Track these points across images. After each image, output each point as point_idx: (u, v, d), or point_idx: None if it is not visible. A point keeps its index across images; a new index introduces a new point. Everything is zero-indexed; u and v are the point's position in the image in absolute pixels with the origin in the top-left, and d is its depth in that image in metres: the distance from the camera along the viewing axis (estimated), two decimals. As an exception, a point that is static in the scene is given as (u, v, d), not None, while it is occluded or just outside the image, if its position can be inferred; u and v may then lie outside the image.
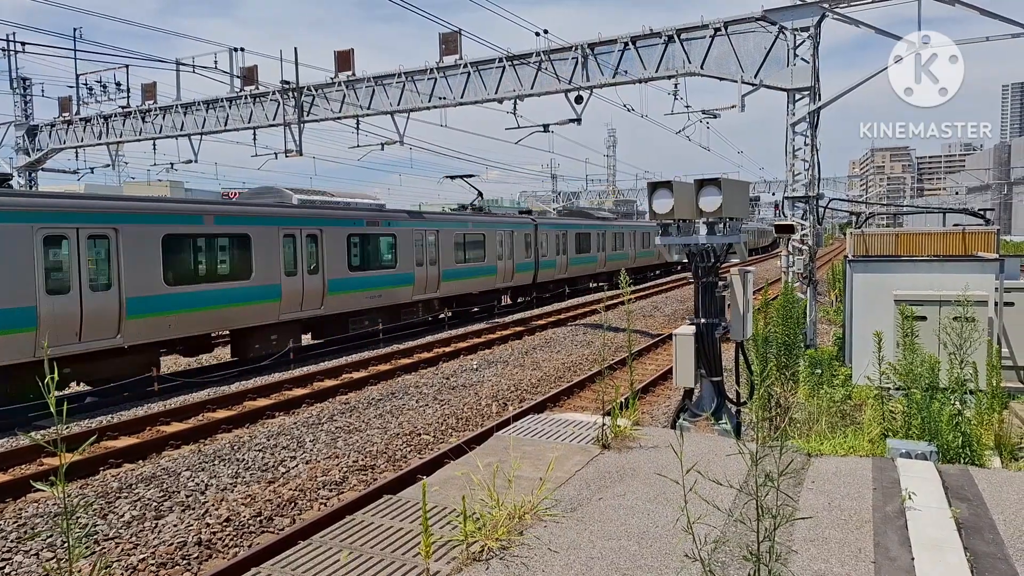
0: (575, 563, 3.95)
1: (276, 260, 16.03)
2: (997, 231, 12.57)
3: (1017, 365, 10.41)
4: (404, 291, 20.59)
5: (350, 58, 20.80)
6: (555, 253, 29.49)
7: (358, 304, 18.83)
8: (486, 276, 24.52)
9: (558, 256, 29.79)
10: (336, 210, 18.68)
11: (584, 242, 32.72)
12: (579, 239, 32.19)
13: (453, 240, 22.59)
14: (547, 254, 28.77)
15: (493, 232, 24.97)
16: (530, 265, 27.51)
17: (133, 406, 12.50)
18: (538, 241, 27.89)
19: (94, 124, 26.14)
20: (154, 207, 14.15)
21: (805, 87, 14.75)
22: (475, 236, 24.06)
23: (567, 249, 30.64)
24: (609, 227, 36.48)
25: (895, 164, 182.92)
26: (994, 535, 4.16)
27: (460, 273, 23.07)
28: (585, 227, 33.37)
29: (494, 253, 24.87)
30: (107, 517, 7.49)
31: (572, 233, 31.42)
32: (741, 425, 8.15)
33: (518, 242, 26.40)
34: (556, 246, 29.67)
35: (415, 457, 9.66)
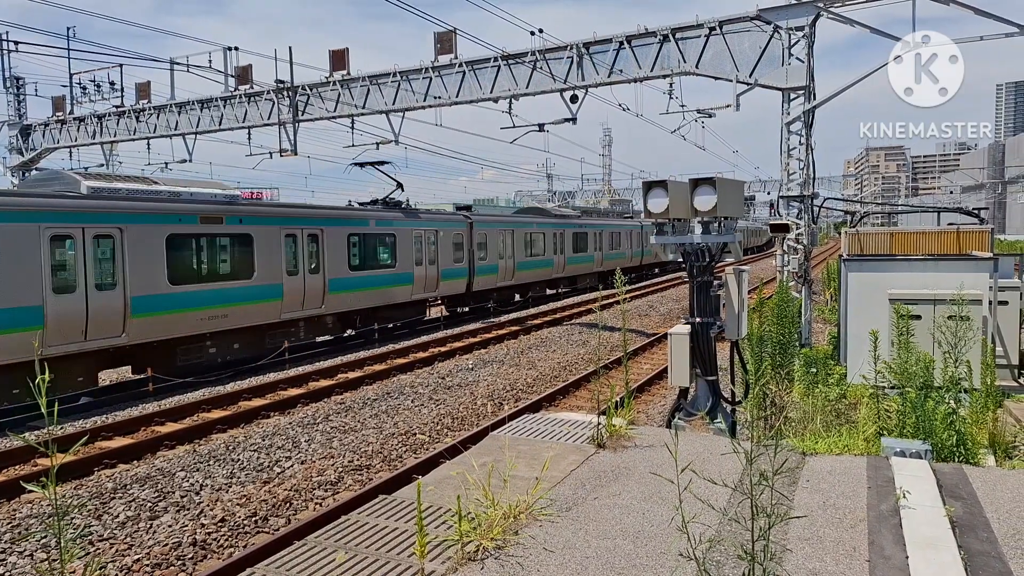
0: (570, 562, 3.94)
1: None
2: (991, 230, 12.63)
3: (1011, 364, 10.46)
4: (267, 308, 15.76)
5: (345, 57, 20.78)
6: (498, 257, 25.42)
7: (187, 329, 13.96)
8: (397, 285, 20.27)
9: (502, 260, 25.73)
10: (148, 202, 13.85)
11: (537, 244, 28.83)
12: (530, 240, 28.29)
13: (346, 241, 18.26)
14: (487, 258, 24.74)
15: (408, 232, 20.70)
16: (462, 271, 23.42)
17: (128, 406, 12.46)
18: (474, 243, 23.91)
19: (88, 123, 26.04)
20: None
21: (800, 86, 14.78)
22: (381, 237, 19.77)
23: (514, 252, 26.65)
24: (570, 226, 32.48)
25: (890, 163, 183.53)
26: (988, 533, 4.18)
27: (357, 283, 18.64)
28: (539, 226, 29.38)
29: (409, 257, 20.69)
30: (102, 518, 7.46)
31: (521, 233, 27.50)
32: (736, 424, 8.16)
33: (445, 245, 22.42)
34: (499, 249, 25.57)
35: (411, 457, 9.65)
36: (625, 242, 39.32)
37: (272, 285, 15.92)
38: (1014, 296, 10.58)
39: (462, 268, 23.55)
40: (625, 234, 39.76)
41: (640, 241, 41.11)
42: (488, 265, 25.00)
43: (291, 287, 16.43)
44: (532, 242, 28.55)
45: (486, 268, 24.88)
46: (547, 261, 29.83)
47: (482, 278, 24.65)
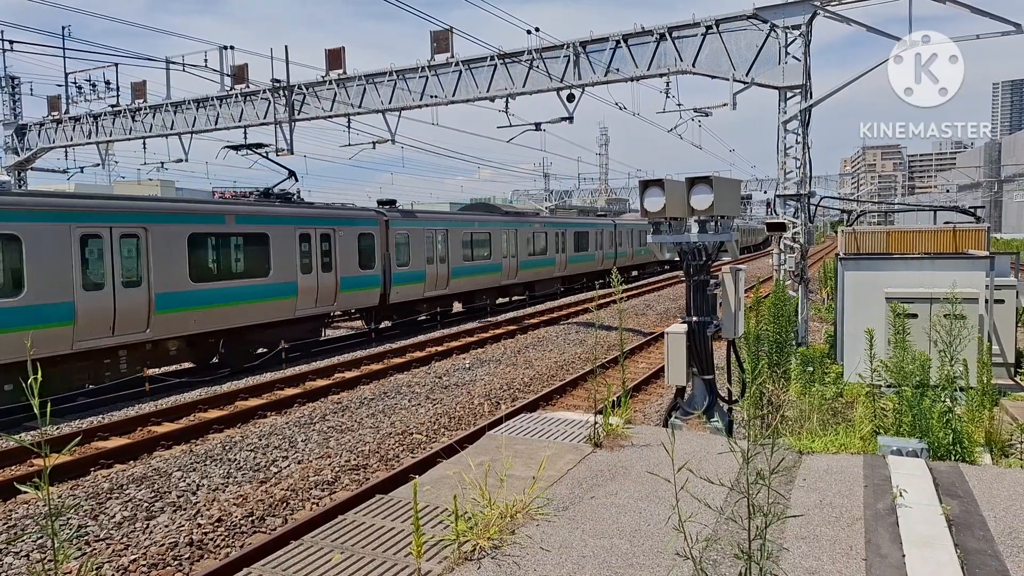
0: (567, 562, 3.94)
1: None
2: (987, 228, 12.64)
3: (1007, 362, 10.48)
4: (45, 335, 11.58)
5: (341, 56, 20.74)
6: (425, 261, 21.65)
7: None
8: (272, 299, 15.94)
9: (431, 265, 21.91)
10: None
11: (481, 246, 25.00)
12: (472, 242, 24.42)
13: (185, 243, 13.98)
14: (410, 263, 20.86)
15: (288, 232, 16.41)
16: (373, 280, 19.20)
17: (124, 406, 12.43)
18: (390, 244, 20.06)
19: (83, 123, 25.97)
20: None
21: (796, 85, 14.79)
22: (245, 237, 15.59)
23: (449, 255, 22.82)
24: (525, 224, 28.48)
25: (886, 162, 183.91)
26: (984, 532, 4.18)
27: (205, 298, 14.30)
28: (482, 225, 25.38)
29: (290, 263, 16.39)
30: (98, 518, 7.43)
31: (459, 234, 23.61)
32: (733, 423, 8.17)
33: (347, 246, 18.22)
34: (428, 252, 21.79)
35: (407, 456, 9.64)
36: (595, 243, 35.53)
37: (45, 307, 11.76)
38: (1010, 294, 10.61)
39: (372, 276, 19.15)
40: (595, 234, 35.60)
41: (613, 242, 37.58)
42: (411, 272, 20.80)
43: (90, 306, 12.30)
44: (474, 244, 24.58)
45: (408, 275, 20.70)
46: (494, 266, 25.68)
47: (403, 287, 20.49)
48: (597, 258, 35.71)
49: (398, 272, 20.30)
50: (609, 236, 37.26)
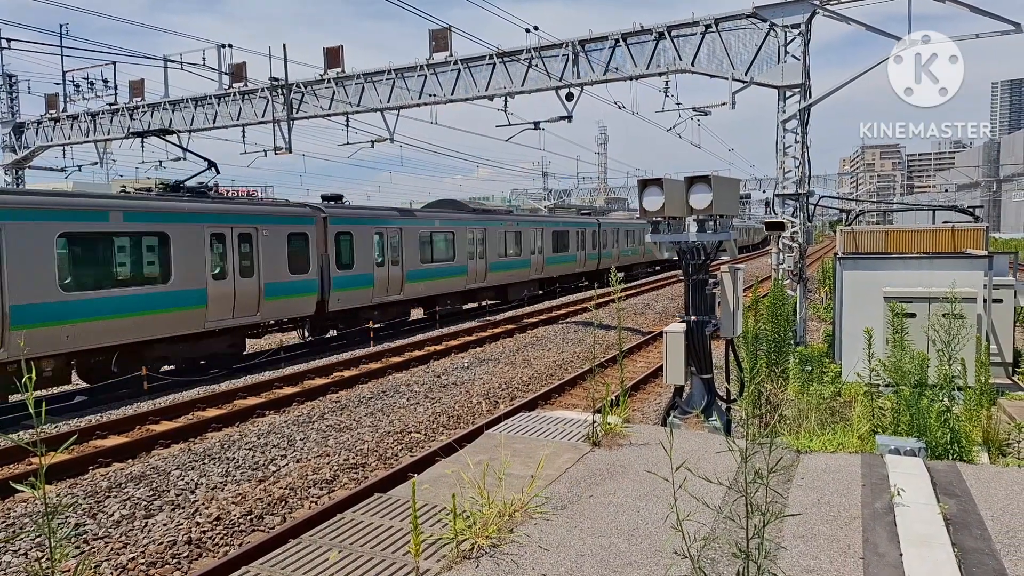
0: (565, 560, 3.94)
1: None
2: (986, 228, 12.65)
3: (1005, 361, 10.50)
4: None
5: (339, 55, 20.71)
6: (374, 264, 19.10)
7: None
8: (176, 309, 13.90)
9: (381, 268, 19.42)
10: None
11: (442, 246, 22.49)
12: (431, 242, 21.88)
13: (53, 244, 11.95)
14: (355, 265, 18.39)
15: (191, 231, 14.26)
16: (307, 285, 16.71)
17: (122, 405, 12.42)
18: (329, 245, 17.67)
19: (81, 121, 25.93)
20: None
21: (796, 84, 14.80)
22: (137, 237, 13.52)
23: (403, 257, 20.30)
24: (495, 223, 25.74)
25: (885, 161, 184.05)
26: (982, 531, 4.19)
27: (85, 309, 12.28)
28: (444, 223, 22.76)
29: (196, 267, 14.28)
30: (96, 516, 7.43)
31: (415, 233, 20.84)
32: (731, 422, 8.18)
33: (274, 248, 15.80)
34: (377, 253, 19.26)
35: (406, 455, 9.64)
36: (576, 243, 33.14)
37: None
38: (1008, 294, 10.62)
39: (306, 281, 16.78)
40: (576, 234, 33.12)
41: (597, 242, 35.31)
42: (356, 275, 18.41)
43: None
44: (435, 244, 22.21)
45: (352, 279, 18.25)
46: (457, 268, 23.20)
47: (346, 293, 18.09)
48: (579, 259, 33.44)
49: (340, 276, 17.93)
50: (592, 236, 35.08)
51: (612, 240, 37.79)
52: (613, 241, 37.82)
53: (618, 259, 38.19)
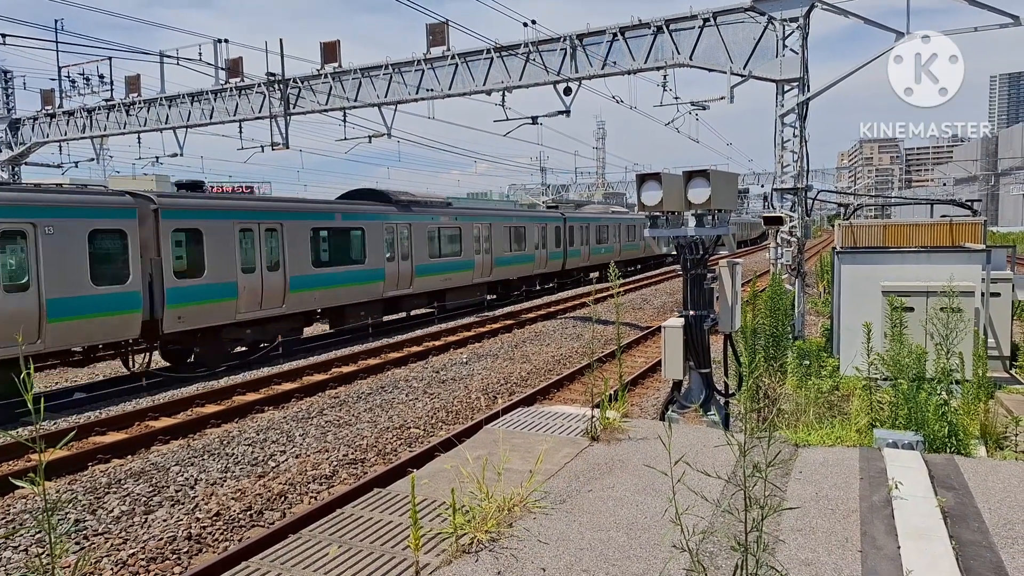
0: (564, 554, 3.95)
1: None
2: (984, 222, 12.66)
3: (1003, 355, 10.52)
4: None
5: (336, 49, 20.66)
6: (238, 269, 15.17)
7: None
8: None
9: (250, 275, 15.44)
10: None
11: (343, 245, 18.47)
12: (328, 240, 18.00)
13: None
14: (206, 273, 14.49)
15: None
16: (127, 300, 13.05)
17: (121, 402, 12.42)
18: (163, 248, 13.75)
19: (77, 117, 25.84)
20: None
21: (794, 78, 14.78)
22: None
23: (285, 261, 16.36)
24: (424, 218, 21.76)
25: (883, 156, 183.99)
26: (979, 523, 4.21)
27: None
28: (348, 218, 18.73)
29: None
30: (96, 512, 7.44)
31: (304, 230, 17.08)
32: (729, 416, 8.19)
33: (64, 252, 12.14)
34: (243, 256, 15.37)
35: (405, 451, 9.66)
36: (535, 241, 28.84)
37: None
38: (1006, 288, 10.64)
39: (122, 293, 12.97)
40: (536, 230, 28.83)
41: (562, 239, 31.25)
42: (209, 285, 14.49)
43: None
44: (335, 243, 18.24)
45: (203, 290, 14.39)
46: (369, 272, 19.08)
47: (193, 308, 14.18)
48: (538, 259, 29.11)
49: (180, 287, 13.95)
50: (556, 232, 30.74)
51: (582, 237, 33.82)
52: (583, 238, 34.05)
53: (588, 258, 34.50)
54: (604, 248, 36.47)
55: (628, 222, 39.97)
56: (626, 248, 39.20)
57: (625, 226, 39.69)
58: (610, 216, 39.57)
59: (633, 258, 40.83)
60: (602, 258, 35.60)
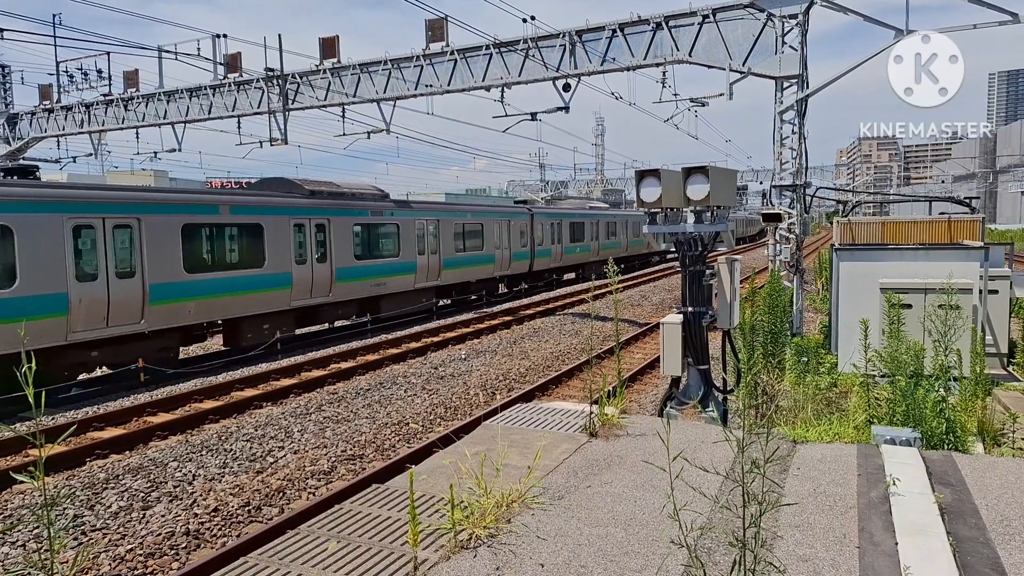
0: (562, 550, 3.96)
1: None
2: (982, 219, 12.67)
3: (1000, 352, 10.54)
4: None
5: (335, 45, 20.60)
6: (74, 278, 12.28)
7: None
8: None
9: (90, 283, 12.54)
10: None
11: (243, 246, 15.75)
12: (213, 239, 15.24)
13: None
14: (18, 282, 11.47)
15: None
16: None
17: (119, 397, 12.42)
18: None
19: (76, 112, 25.77)
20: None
21: (793, 75, 14.76)
22: None
23: (144, 265, 13.42)
24: (348, 212, 18.63)
25: (882, 153, 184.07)
26: (977, 520, 4.22)
27: None
28: (240, 212, 15.67)
29: None
30: (94, 508, 7.44)
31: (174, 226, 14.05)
32: (728, 413, 8.20)
33: None
34: (73, 261, 12.31)
35: (404, 446, 9.66)
36: (493, 240, 25.55)
37: None
38: (1004, 285, 10.65)
39: None
40: (495, 227, 25.57)
41: (529, 238, 28.18)
42: (22, 298, 11.48)
43: None
44: (219, 243, 15.42)
45: (14, 305, 11.35)
46: (272, 278, 16.17)
47: None
48: (499, 260, 25.81)
49: None
50: (520, 231, 27.69)
51: (552, 235, 30.87)
52: (553, 237, 30.97)
53: (560, 259, 31.56)
54: (580, 247, 33.64)
55: (608, 218, 37.79)
56: (605, 247, 35.73)
57: (604, 223, 36.99)
58: (587, 212, 36.30)
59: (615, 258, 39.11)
60: (577, 258, 33.34)
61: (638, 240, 39.87)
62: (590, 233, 34.49)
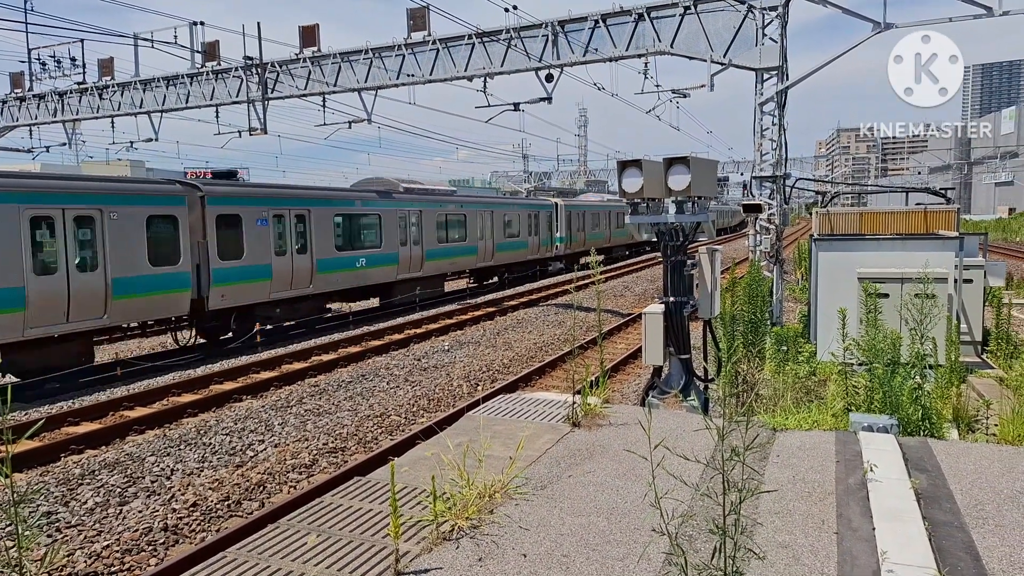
0: (545, 540, 3.96)
1: None
2: (957, 210, 12.84)
3: (975, 340, 10.71)
4: None
5: (315, 33, 20.33)
6: None
7: None
8: None
9: None
10: None
11: None
12: None
13: None
14: None
15: None
16: None
17: (95, 391, 12.23)
18: None
19: (48, 101, 25.21)
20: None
21: (773, 67, 14.82)
22: None
23: None
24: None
25: (860, 144, 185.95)
26: (951, 504, 4.28)
27: None
28: None
29: None
30: (69, 504, 7.33)
31: None
32: (709, 401, 8.26)
33: None
34: None
35: (386, 438, 9.62)
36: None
37: None
38: (978, 275, 10.81)
39: None
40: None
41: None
42: None
43: None
44: None
45: None
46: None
47: None
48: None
49: None
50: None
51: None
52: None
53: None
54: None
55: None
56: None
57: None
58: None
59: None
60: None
61: None
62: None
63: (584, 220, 37.06)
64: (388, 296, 21.62)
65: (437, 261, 23.32)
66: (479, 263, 26.77)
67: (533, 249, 31.54)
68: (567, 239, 34.46)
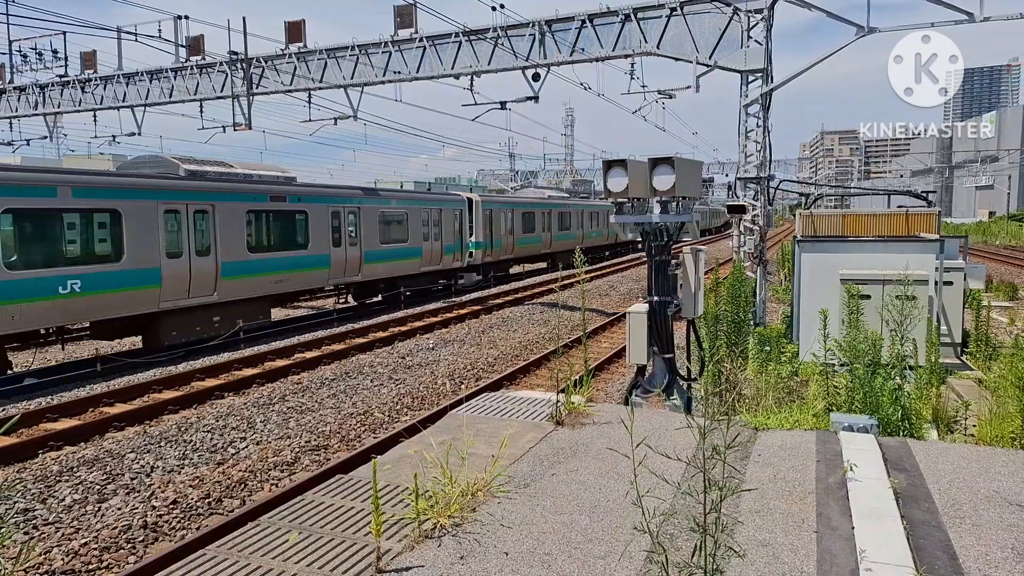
0: (527, 538, 3.96)
1: None
2: (938, 213, 13.00)
3: (955, 342, 10.86)
4: None
5: (301, 29, 20.18)
6: None
7: None
8: None
9: None
10: None
11: None
12: None
13: None
14: None
15: None
16: None
17: (75, 387, 12.07)
18: None
19: (29, 93, 24.84)
20: None
21: (758, 69, 14.92)
22: None
23: None
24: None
25: (843, 147, 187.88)
26: (930, 504, 4.33)
27: None
28: None
29: None
30: (47, 501, 7.22)
31: None
32: (691, 400, 8.30)
33: None
34: None
35: (369, 436, 9.58)
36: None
37: None
38: (958, 277, 10.96)
39: None
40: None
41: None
42: None
43: None
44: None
45: None
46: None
47: None
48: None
49: None
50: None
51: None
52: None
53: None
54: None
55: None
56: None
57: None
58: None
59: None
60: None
61: None
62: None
63: (512, 221, 30.50)
64: (151, 332, 14.51)
65: (249, 279, 16.11)
66: (333, 278, 19.29)
67: (431, 258, 23.80)
68: (487, 244, 27.75)
